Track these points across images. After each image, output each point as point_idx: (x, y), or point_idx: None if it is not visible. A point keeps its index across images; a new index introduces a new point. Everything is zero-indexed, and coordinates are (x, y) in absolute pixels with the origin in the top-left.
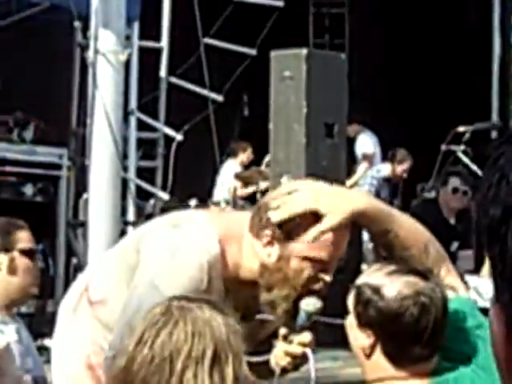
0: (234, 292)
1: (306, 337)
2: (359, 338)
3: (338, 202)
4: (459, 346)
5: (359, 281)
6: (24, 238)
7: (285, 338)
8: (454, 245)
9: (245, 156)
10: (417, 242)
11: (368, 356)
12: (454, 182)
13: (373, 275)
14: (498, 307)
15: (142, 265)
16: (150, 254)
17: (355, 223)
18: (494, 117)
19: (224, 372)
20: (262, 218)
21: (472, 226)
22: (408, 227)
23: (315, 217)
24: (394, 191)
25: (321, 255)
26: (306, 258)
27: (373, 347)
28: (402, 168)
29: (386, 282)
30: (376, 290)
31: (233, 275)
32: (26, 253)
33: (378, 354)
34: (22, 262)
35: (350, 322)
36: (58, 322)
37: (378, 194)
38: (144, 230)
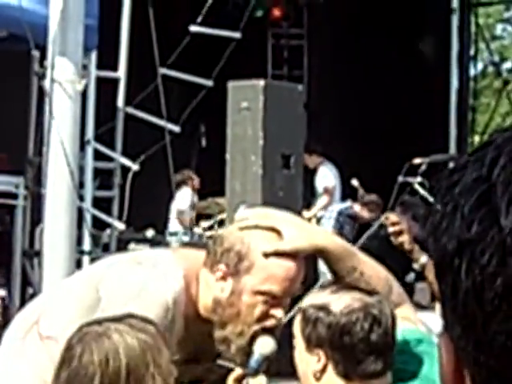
0: (193, 330)
1: (261, 381)
2: (309, 362)
3: (299, 232)
4: (407, 365)
5: (303, 304)
6: None
7: (238, 381)
8: (411, 276)
9: (195, 182)
10: (380, 281)
11: (318, 379)
12: (414, 210)
13: (317, 296)
14: (448, 339)
15: (105, 304)
16: (114, 292)
17: (308, 260)
18: (452, 148)
19: None
20: (217, 251)
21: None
22: (371, 266)
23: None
24: (358, 231)
25: (272, 289)
26: (258, 293)
27: (323, 370)
28: (369, 215)
29: (332, 299)
30: (323, 308)
31: (193, 313)
32: None
33: (330, 375)
34: None
35: (299, 349)
36: (2, 348)
37: (341, 228)
38: (103, 267)
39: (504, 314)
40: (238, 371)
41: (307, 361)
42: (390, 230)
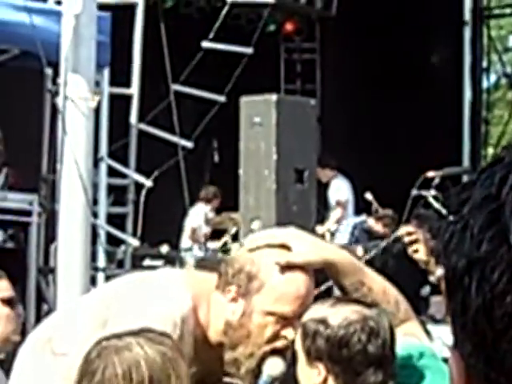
0: (201, 353)
1: None
2: (310, 376)
3: (309, 246)
4: (410, 379)
5: (303, 319)
6: (4, 287)
7: None
8: (426, 289)
9: (216, 202)
10: (388, 297)
11: None
12: (430, 223)
13: (316, 310)
14: (458, 356)
15: (113, 321)
16: (122, 309)
17: (318, 281)
18: (466, 161)
19: None
20: (228, 273)
21: None
22: (379, 282)
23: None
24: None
25: (283, 310)
26: (268, 313)
27: (324, 383)
28: (383, 230)
29: (330, 313)
30: (322, 321)
31: (201, 336)
32: (7, 302)
33: None
34: (4, 311)
35: (300, 363)
36: (17, 366)
37: (356, 242)
38: (116, 286)
39: None
40: None
41: (308, 374)
42: (406, 239)
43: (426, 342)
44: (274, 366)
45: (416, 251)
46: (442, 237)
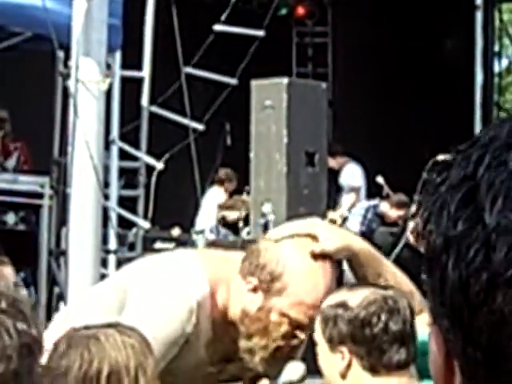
0: (222, 333)
1: None
2: (334, 362)
3: (336, 236)
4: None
5: (322, 307)
6: (8, 274)
7: None
8: None
9: (231, 185)
10: (403, 288)
11: (344, 377)
12: None
13: (333, 297)
14: (438, 331)
15: (129, 306)
16: (138, 294)
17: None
18: None
19: None
20: (252, 263)
21: None
22: (395, 274)
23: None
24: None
25: (299, 317)
26: (285, 315)
27: (348, 366)
28: (397, 214)
29: (348, 296)
30: (340, 305)
31: (221, 316)
32: None
33: (355, 371)
34: None
35: (321, 352)
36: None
37: (369, 226)
38: (133, 269)
39: (489, 308)
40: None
41: (331, 361)
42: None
43: None
44: (295, 371)
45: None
46: (421, 216)
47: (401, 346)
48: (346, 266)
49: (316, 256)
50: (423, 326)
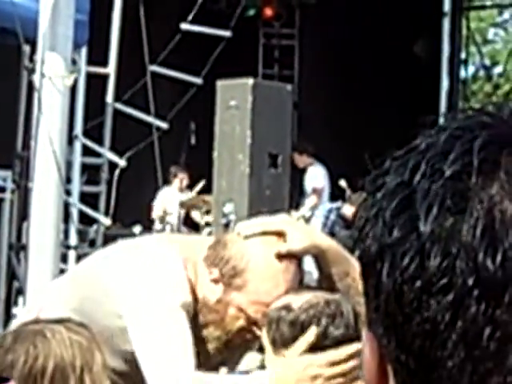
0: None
1: None
2: (278, 364)
3: (305, 235)
4: None
5: (267, 310)
6: None
7: None
8: None
9: (178, 181)
10: None
11: None
12: None
13: (281, 299)
14: (372, 336)
15: (116, 294)
16: (124, 281)
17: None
18: None
19: None
20: (217, 254)
21: None
22: None
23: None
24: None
25: (256, 316)
26: (242, 310)
27: None
28: (353, 210)
29: (292, 299)
30: (284, 307)
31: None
32: None
33: None
34: None
35: (267, 355)
36: None
37: (332, 227)
38: (100, 259)
39: (422, 317)
40: None
41: (276, 364)
42: None
43: None
44: (252, 362)
45: None
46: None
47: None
48: (307, 266)
49: (282, 256)
50: None
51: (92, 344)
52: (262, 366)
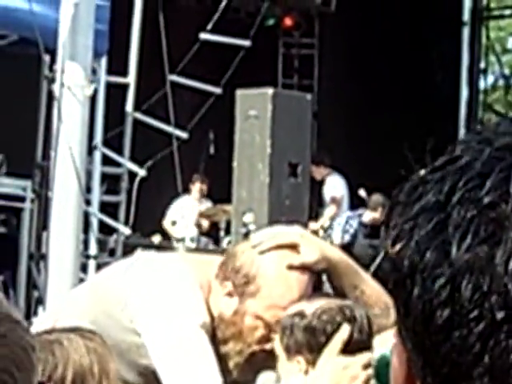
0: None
1: None
2: (291, 371)
3: (316, 247)
4: None
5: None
6: None
7: None
8: None
9: (196, 189)
10: (379, 302)
11: None
12: None
13: (294, 307)
14: (402, 346)
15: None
16: (143, 302)
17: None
18: None
19: None
20: (228, 267)
21: None
22: (372, 286)
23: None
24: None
25: (273, 321)
26: (259, 318)
27: (306, 375)
28: (372, 215)
29: (305, 306)
30: (297, 314)
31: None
32: None
33: None
34: None
35: (280, 363)
36: None
37: (354, 235)
38: (119, 272)
39: (450, 345)
40: None
41: (289, 370)
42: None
43: None
44: (267, 381)
45: None
46: (391, 231)
47: (355, 352)
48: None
49: (294, 267)
50: (391, 342)
51: (106, 350)
52: None
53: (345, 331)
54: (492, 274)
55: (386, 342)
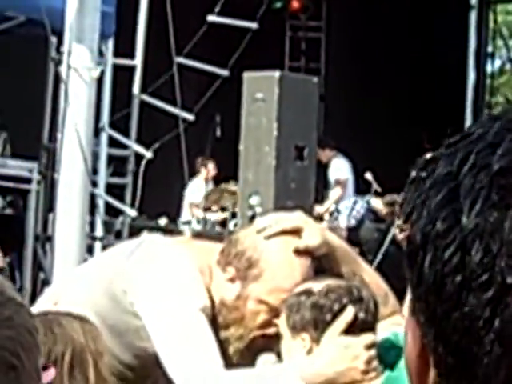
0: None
1: None
2: (295, 349)
3: (318, 232)
4: (399, 358)
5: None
6: None
7: None
8: None
9: (206, 171)
10: (378, 290)
11: None
12: None
13: (300, 287)
14: (415, 323)
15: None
16: (147, 292)
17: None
18: None
19: (86, 372)
20: (230, 253)
21: None
22: (370, 274)
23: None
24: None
25: (276, 303)
26: (262, 302)
27: (309, 353)
28: (387, 210)
29: (312, 284)
30: (304, 292)
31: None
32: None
33: None
34: None
35: (284, 342)
36: None
37: (361, 220)
38: (124, 259)
39: (460, 312)
40: None
41: (293, 348)
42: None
43: None
44: (267, 363)
45: None
46: (404, 210)
47: (361, 334)
48: None
49: (298, 252)
50: (393, 326)
51: (100, 335)
52: None
53: (349, 313)
54: (502, 237)
55: (387, 328)
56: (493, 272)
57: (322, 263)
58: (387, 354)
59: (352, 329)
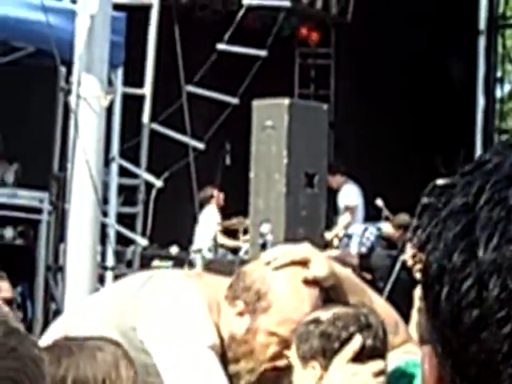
0: None
1: None
2: (306, 378)
3: (325, 264)
4: None
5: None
6: (5, 288)
7: None
8: None
9: (215, 199)
10: (388, 319)
11: None
12: None
13: (309, 316)
14: (432, 352)
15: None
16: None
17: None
18: None
19: None
20: (238, 287)
21: None
22: (380, 304)
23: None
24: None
25: (286, 334)
26: (272, 334)
27: (320, 380)
28: (400, 233)
29: (320, 313)
30: (313, 321)
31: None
32: (8, 302)
33: None
34: None
35: (295, 372)
36: None
37: (371, 247)
38: (133, 294)
39: (478, 346)
40: None
41: (303, 377)
42: (410, 262)
43: None
44: None
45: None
46: (420, 235)
47: (369, 359)
48: None
49: (306, 282)
50: (404, 355)
51: (119, 361)
52: None
53: (357, 341)
54: None
55: (399, 357)
56: (510, 308)
57: (329, 294)
58: (398, 383)
59: (360, 357)
